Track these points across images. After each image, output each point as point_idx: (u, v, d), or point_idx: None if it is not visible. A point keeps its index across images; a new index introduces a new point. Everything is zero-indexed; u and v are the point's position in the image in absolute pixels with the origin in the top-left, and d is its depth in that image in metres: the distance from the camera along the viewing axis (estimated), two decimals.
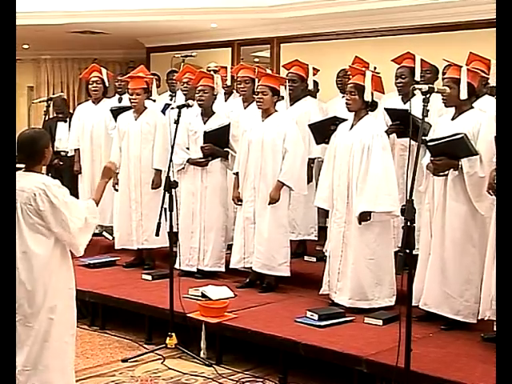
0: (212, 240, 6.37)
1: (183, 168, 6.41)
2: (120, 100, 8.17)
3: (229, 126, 6.31)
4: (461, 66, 4.84)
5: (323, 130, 6.11)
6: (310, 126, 6.34)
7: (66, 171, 8.05)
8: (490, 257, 4.53)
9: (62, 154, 8.25)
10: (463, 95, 4.77)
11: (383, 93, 5.71)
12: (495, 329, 4.62)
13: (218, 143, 6.31)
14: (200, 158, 6.34)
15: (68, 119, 8.30)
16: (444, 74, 6.17)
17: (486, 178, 4.65)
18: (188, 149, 6.41)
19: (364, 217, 5.23)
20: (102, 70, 7.67)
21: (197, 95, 6.34)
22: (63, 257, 3.71)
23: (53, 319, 3.63)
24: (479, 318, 4.69)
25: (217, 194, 6.39)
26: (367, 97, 5.27)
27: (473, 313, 4.85)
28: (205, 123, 6.37)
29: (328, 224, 6.33)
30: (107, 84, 7.73)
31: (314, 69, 6.92)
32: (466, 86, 4.76)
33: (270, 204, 5.83)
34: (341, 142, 5.44)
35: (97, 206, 3.83)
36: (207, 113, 6.39)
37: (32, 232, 3.58)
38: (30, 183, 3.58)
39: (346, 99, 5.40)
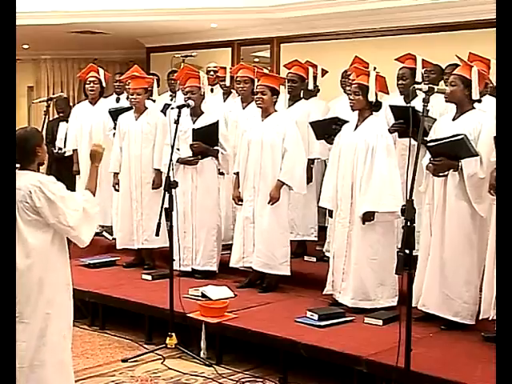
0: (203, 239, 6.38)
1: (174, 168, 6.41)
2: (118, 100, 8.17)
3: (217, 123, 6.30)
4: (472, 66, 4.83)
5: (324, 129, 6.13)
6: (310, 123, 6.34)
7: (66, 172, 8.03)
8: (490, 256, 4.53)
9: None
10: (475, 96, 4.77)
11: (387, 93, 5.71)
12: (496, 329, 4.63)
13: (207, 141, 6.29)
14: (190, 157, 6.35)
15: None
16: (446, 73, 6.16)
17: (487, 179, 4.64)
18: (178, 149, 6.40)
19: (367, 217, 5.23)
20: (99, 71, 7.66)
21: (185, 96, 6.35)
22: (60, 252, 3.73)
23: (50, 314, 3.64)
24: (480, 318, 4.69)
25: (208, 194, 6.39)
26: (371, 97, 5.27)
27: (471, 314, 4.85)
28: (194, 123, 6.37)
29: (328, 224, 6.36)
30: (104, 84, 7.72)
31: (322, 70, 6.92)
32: (477, 86, 4.75)
33: (270, 203, 5.84)
34: (345, 142, 5.44)
35: (93, 195, 3.84)
36: (196, 112, 6.39)
37: (29, 227, 3.60)
38: (25, 181, 3.60)
39: (350, 99, 5.40)
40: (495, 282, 4.43)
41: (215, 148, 6.33)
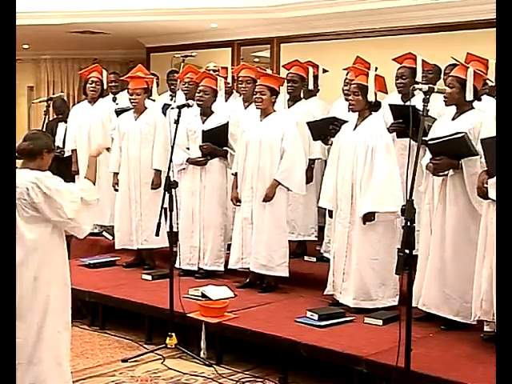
0: (211, 239, 6.37)
1: (184, 168, 6.41)
2: (114, 99, 8.18)
3: (227, 124, 6.31)
4: (468, 67, 4.82)
5: (321, 129, 6.12)
6: (308, 123, 6.34)
7: (65, 172, 8.02)
8: (480, 256, 4.53)
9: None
10: (469, 96, 4.76)
11: (386, 93, 5.71)
12: (485, 329, 4.63)
13: (216, 142, 6.30)
14: (199, 157, 6.35)
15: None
16: (445, 73, 6.17)
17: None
18: (188, 149, 6.42)
19: (368, 217, 5.23)
20: (103, 72, 7.67)
21: (197, 95, 6.35)
22: (59, 249, 3.78)
23: (47, 310, 3.69)
24: (471, 318, 4.68)
25: (216, 194, 6.39)
26: (370, 97, 5.27)
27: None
28: (203, 123, 6.37)
29: (327, 224, 6.36)
30: (105, 86, 7.74)
31: (323, 70, 6.92)
32: (472, 87, 4.75)
33: (264, 201, 5.83)
34: (345, 142, 5.44)
35: (94, 184, 3.92)
36: (206, 112, 6.39)
37: (28, 224, 3.66)
38: (22, 179, 3.66)
39: (350, 99, 5.39)
40: (483, 282, 4.44)
41: (224, 148, 6.34)
